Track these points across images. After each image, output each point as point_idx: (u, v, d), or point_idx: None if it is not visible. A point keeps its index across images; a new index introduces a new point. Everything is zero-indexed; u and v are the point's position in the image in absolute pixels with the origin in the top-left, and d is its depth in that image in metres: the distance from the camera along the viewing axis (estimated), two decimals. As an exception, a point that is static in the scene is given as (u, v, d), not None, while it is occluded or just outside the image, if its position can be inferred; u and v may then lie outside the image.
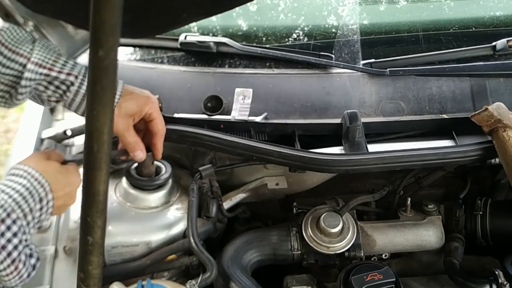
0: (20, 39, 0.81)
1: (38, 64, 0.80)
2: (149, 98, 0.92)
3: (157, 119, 0.93)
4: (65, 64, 0.82)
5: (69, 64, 0.82)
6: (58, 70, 0.81)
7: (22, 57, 0.79)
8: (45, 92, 0.84)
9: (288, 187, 1.19)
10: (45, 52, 0.81)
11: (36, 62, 0.80)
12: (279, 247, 1.08)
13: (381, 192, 1.15)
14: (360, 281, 0.96)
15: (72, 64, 0.83)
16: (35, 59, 0.80)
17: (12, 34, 0.80)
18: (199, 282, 0.91)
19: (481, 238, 1.15)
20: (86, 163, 0.40)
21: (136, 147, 0.92)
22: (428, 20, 1.33)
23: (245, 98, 1.10)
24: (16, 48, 0.79)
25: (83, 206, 0.42)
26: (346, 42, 1.25)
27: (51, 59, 0.81)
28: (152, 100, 0.92)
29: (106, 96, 0.37)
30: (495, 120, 1.05)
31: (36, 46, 0.81)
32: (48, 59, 0.81)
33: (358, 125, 1.07)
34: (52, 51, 0.83)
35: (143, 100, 0.91)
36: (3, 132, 3.01)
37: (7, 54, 0.78)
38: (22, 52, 0.79)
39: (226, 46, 1.21)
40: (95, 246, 0.43)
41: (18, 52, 0.79)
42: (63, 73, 0.81)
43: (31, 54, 0.80)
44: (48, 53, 0.82)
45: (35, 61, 0.80)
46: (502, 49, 1.20)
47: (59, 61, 0.82)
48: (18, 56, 0.79)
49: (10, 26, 0.81)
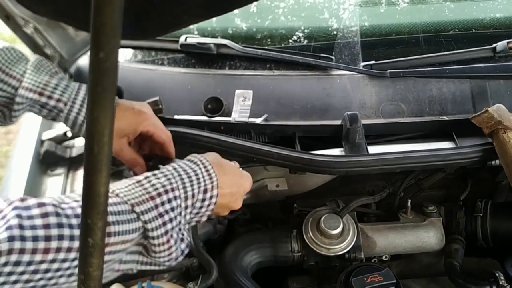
0: (14, 59, 0.81)
1: (28, 89, 0.80)
2: (142, 116, 0.89)
3: (156, 133, 0.91)
4: (56, 88, 0.81)
5: (60, 88, 0.82)
6: (48, 95, 0.81)
7: (14, 80, 0.80)
8: (40, 114, 0.85)
9: (288, 188, 1.19)
10: (37, 74, 0.81)
11: (27, 87, 0.80)
12: (279, 249, 1.08)
13: (382, 193, 1.15)
14: (361, 283, 0.96)
15: (63, 87, 0.82)
16: (26, 84, 0.80)
17: (7, 55, 0.80)
18: (199, 284, 0.91)
19: (482, 240, 1.15)
20: (86, 165, 0.40)
21: (135, 163, 0.91)
22: (429, 22, 1.33)
23: (246, 100, 1.10)
24: (9, 70, 0.80)
25: (84, 207, 0.42)
26: (346, 44, 1.25)
27: (42, 83, 0.81)
28: (145, 117, 0.89)
29: (106, 98, 0.37)
30: (496, 121, 1.05)
31: (28, 68, 0.81)
32: (39, 83, 0.81)
33: (358, 126, 1.07)
34: (45, 73, 0.83)
35: (136, 120, 0.88)
36: (4, 133, 3.01)
37: (0, 76, 0.79)
38: (15, 75, 0.80)
39: (227, 48, 1.22)
40: (96, 248, 0.43)
41: (11, 74, 0.80)
42: (53, 99, 0.81)
43: (23, 76, 0.80)
44: (40, 75, 0.82)
45: (25, 85, 0.80)
46: (502, 50, 1.20)
47: (50, 84, 0.81)
48: (11, 78, 0.80)
49: (5, 47, 0.81)
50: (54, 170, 1.13)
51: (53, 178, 1.11)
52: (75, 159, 1.14)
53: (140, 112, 0.89)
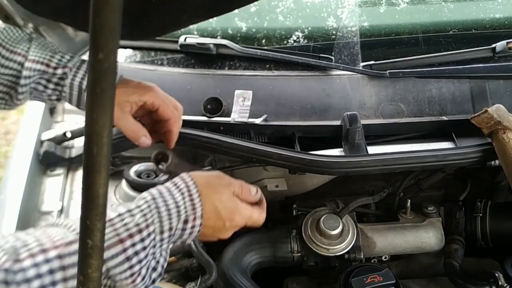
0: (17, 38, 0.81)
1: (35, 61, 0.80)
2: (148, 88, 0.85)
3: (162, 106, 0.85)
4: (62, 59, 0.82)
5: (65, 59, 0.82)
6: (55, 65, 0.81)
7: (20, 56, 0.80)
8: (45, 92, 0.83)
9: (288, 189, 1.19)
10: (42, 49, 0.82)
11: (33, 59, 0.80)
12: (279, 249, 1.08)
13: (381, 194, 1.15)
14: (360, 283, 0.96)
15: (68, 58, 0.83)
16: (32, 57, 0.80)
17: (9, 34, 0.80)
18: (198, 284, 0.91)
19: (481, 240, 1.15)
20: (85, 166, 0.40)
21: (138, 133, 0.84)
22: (428, 22, 1.34)
23: (245, 100, 1.10)
24: (13, 47, 0.80)
25: (83, 209, 0.42)
26: (346, 44, 1.25)
27: (48, 55, 0.81)
28: (153, 90, 0.85)
29: (105, 99, 0.37)
30: (495, 122, 1.05)
31: (33, 45, 0.82)
32: (45, 55, 0.81)
33: (358, 127, 1.07)
34: (49, 49, 0.83)
35: (141, 90, 0.84)
36: (3, 134, 3.01)
37: (5, 54, 0.79)
38: (20, 51, 0.80)
39: (226, 48, 1.22)
40: (95, 249, 0.43)
41: (15, 51, 0.80)
42: (59, 68, 0.81)
43: (28, 52, 0.80)
44: (45, 51, 0.82)
45: (32, 58, 0.80)
46: (501, 51, 1.20)
47: (56, 56, 0.82)
48: (16, 55, 0.80)
49: (7, 26, 0.81)
50: (54, 170, 1.13)
51: (53, 178, 1.11)
52: (75, 160, 1.14)
53: (147, 85, 0.86)
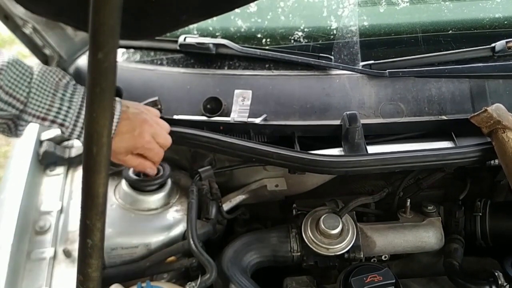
0: (17, 77, 0.80)
1: (31, 115, 0.82)
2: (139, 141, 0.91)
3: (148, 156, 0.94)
4: (59, 112, 0.83)
5: (63, 112, 0.83)
6: (52, 119, 0.83)
7: (18, 102, 0.80)
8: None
9: (287, 188, 1.19)
10: (41, 94, 0.82)
11: (30, 113, 0.82)
12: (278, 249, 1.08)
13: (381, 193, 1.15)
14: (360, 283, 0.96)
15: (65, 111, 0.83)
16: (29, 109, 0.81)
17: (9, 74, 0.79)
18: (198, 284, 0.91)
19: (481, 239, 1.15)
20: (85, 165, 0.40)
21: (142, 167, 0.96)
22: (428, 22, 1.33)
23: (245, 100, 1.10)
24: (13, 91, 0.80)
25: (83, 208, 0.42)
26: (345, 44, 1.25)
27: (45, 107, 0.82)
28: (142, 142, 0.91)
29: (105, 99, 0.37)
30: (495, 121, 1.05)
31: (32, 88, 0.81)
32: (42, 107, 0.82)
33: (358, 126, 1.07)
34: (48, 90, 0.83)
35: (133, 145, 0.91)
36: (2, 133, 3.00)
37: (3, 98, 0.79)
38: (19, 97, 0.80)
39: (226, 48, 1.21)
40: (95, 249, 0.43)
41: (14, 96, 0.80)
42: (56, 123, 0.84)
43: (27, 99, 0.81)
44: (43, 96, 0.82)
45: (28, 110, 0.81)
46: (501, 50, 1.20)
47: (53, 108, 0.83)
48: (15, 100, 0.80)
49: (9, 62, 0.80)
50: (53, 170, 1.13)
51: (52, 178, 1.11)
52: (74, 159, 1.14)
53: (139, 137, 0.91)
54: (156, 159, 0.97)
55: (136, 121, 0.90)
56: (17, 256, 0.94)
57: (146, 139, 0.91)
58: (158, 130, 0.94)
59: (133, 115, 0.90)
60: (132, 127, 0.90)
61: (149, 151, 0.94)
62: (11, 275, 0.90)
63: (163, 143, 0.96)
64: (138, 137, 0.90)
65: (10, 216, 0.98)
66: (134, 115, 0.90)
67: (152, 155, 0.95)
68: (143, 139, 0.91)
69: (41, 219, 1.02)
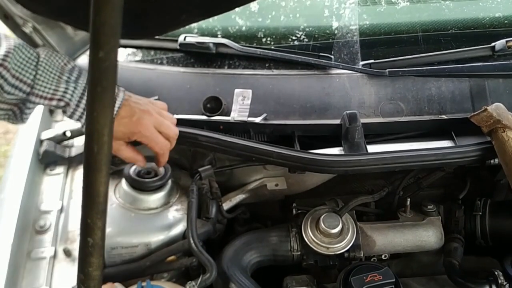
0: (24, 61, 0.81)
1: (39, 96, 0.83)
2: (138, 127, 0.90)
3: (150, 143, 0.93)
4: (66, 91, 0.84)
5: (69, 91, 0.84)
6: (59, 98, 0.84)
7: (25, 85, 0.81)
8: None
9: (287, 188, 1.19)
10: (47, 77, 0.83)
11: (37, 94, 0.82)
12: (278, 248, 1.08)
13: (381, 192, 1.15)
14: (360, 282, 0.96)
15: (72, 90, 0.84)
16: (37, 90, 0.82)
17: (16, 58, 0.80)
18: (198, 283, 0.91)
19: (481, 239, 1.15)
20: (86, 164, 0.40)
21: (134, 160, 0.96)
22: (427, 21, 1.33)
23: (245, 99, 1.10)
24: (19, 74, 0.80)
25: (83, 207, 0.42)
26: (345, 43, 1.25)
27: (52, 87, 0.83)
28: (140, 129, 0.91)
29: (106, 98, 0.37)
30: (494, 120, 1.05)
31: (39, 70, 0.82)
32: (49, 88, 0.83)
33: (358, 125, 1.07)
34: (54, 73, 0.84)
35: (131, 130, 0.90)
36: (3, 133, 3.01)
37: (11, 81, 0.79)
38: (26, 80, 0.81)
39: (226, 47, 1.21)
40: (95, 248, 0.43)
41: (21, 79, 0.80)
42: (63, 101, 0.84)
43: (33, 82, 0.81)
44: (49, 79, 0.83)
45: (35, 92, 0.82)
46: (501, 49, 1.20)
47: (60, 88, 0.83)
48: (22, 83, 0.81)
49: (16, 46, 0.80)
50: (53, 169, 1.13)
51: (52, 177, 1.11)
52: (74, 159, 1.14)
53: (137, 122, 0.90)
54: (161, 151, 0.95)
55: (137, 109, 0.91)
56: (17, 255, 0.94)
57: (144, 126, 0.91)
58: (160, 120, 0.94)
59: (134, 104, 0.91)
60: (131, 113, 0.90)
61: (149, 140, 0.92)
62: (11, 274, 0.90)
63: (167, 133, 0.95)
64: (136, 122, 0.90)
65: (10, 215, 0.98)
66: (135, 103, 0.91)
67: (153, 145, 0.93)
68: (141, 126, 0.90)
69: (41, 218, 1.02)
